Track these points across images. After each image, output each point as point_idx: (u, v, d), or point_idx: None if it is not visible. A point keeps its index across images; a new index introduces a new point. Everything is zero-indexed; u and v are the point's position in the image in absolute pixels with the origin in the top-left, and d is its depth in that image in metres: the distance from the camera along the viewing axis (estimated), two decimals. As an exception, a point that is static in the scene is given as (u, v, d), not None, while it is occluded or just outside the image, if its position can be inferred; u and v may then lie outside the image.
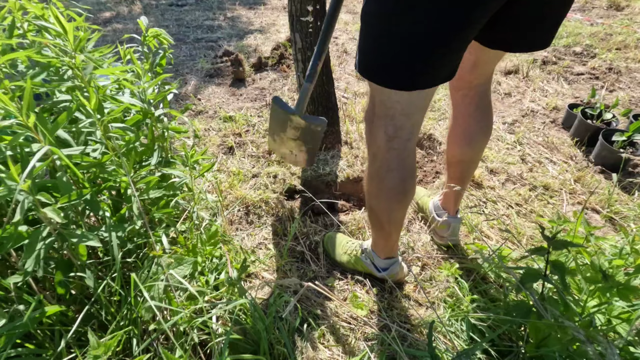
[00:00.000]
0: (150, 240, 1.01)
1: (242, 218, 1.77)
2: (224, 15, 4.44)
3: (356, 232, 1.68)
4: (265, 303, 1.36)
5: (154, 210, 1.12)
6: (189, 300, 1.11)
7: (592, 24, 4.04)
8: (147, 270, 1.01)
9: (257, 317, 1.05)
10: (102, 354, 0.68)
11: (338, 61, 3.34)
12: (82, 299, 1.06)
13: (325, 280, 1.49)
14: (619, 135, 2.01)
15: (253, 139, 2.29)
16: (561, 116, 2.52)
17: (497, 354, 1.04)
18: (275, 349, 1.11)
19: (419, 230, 1.69)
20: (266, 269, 1.53)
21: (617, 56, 3.28)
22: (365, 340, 1.27)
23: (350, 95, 2.80)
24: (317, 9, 1.73)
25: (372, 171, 1.16)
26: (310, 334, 1.27)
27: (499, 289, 1.38)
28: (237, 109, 2.65)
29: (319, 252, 1.59)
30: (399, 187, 1.12)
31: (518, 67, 3.10)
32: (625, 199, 1.84)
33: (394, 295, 1.41)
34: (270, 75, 3.09)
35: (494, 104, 2.69)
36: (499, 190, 1.90)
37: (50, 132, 0.76)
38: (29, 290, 0.97)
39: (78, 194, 0.82)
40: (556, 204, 1.83)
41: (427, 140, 2.33)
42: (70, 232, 0.82)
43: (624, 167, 1.99)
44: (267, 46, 3.60)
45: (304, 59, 1.86)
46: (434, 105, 2.64)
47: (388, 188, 1.13)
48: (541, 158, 2.15)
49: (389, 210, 1.18)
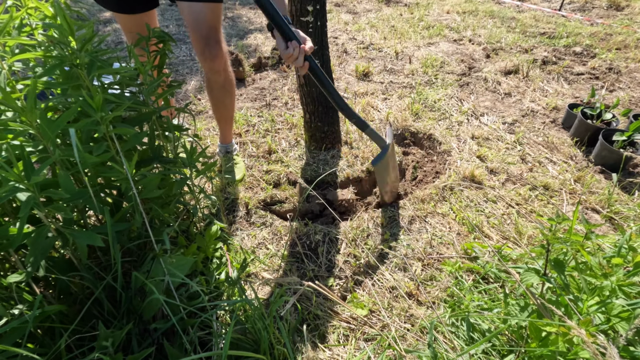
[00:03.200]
0: (150, 239, 1.01)
1: (242, 218, 1.78)
2: (224, 15, 4.45)
3: (356, 230, 1.68)
4: (265, 303, 1.37)
5: (155, 209, 1.13)
6: (189, 300, 1.11)
7: (592, 24, 4.05)
8: (147, 269, 1.02)
9: (257, 317, 1.06)
10: (109, 345, 0.69)
11: (338, 61, 3.34)
12: (82, 298, 1.07)
13: (325, 280, 1.49)
14: (619, 135, 2.01)
15: (253, 139, 2.30)
16: (561, 116, 2.52)
17: (497, 354, 1.04)
18: (275, 348, 1.11)
19: (419, 230, 1.69)
20: (266, 268, 1.53)
21: (617, 56, 3.28)
22: (365, 341, 1.27)
23: (350, 95, 2.80)
24: (317, 9, 1.74)
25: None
26: (310, 334, 1.27)
27: (499, 289, 1.38)
28: (237, 109, 2.66)
29: (319, 252, 1.59)
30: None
31: (518, 67, 3.10)
32: (625, 199, 1.84)
33: (394, 295, 1.41)
34: (270, 75, 3.09)
35: (494, 103, 2.69)
36: (499, 190, 1.90)
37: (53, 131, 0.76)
38: (29, 289, 0.97)
39: (80, 192, 0.83)
40: (556, 204, 1.83)
41: (427, 140, 2.33)
42: (72, 231, 0.83)
43: (624, 167, 1.99)
44: (267, 46, 3.60)
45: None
46: (434, 106, 2.64)
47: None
48: (541, 158, 2.15)
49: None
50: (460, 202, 1.82)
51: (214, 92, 1.80)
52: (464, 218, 1.73)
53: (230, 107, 1.89)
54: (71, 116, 0.81)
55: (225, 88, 1.78)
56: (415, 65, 3.22)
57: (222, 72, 1.70)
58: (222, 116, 1.94)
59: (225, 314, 1.25)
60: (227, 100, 1.84)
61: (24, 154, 0.74)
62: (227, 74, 1.74)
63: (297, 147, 2.24)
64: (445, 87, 2.88)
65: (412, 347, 1.22)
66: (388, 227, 1.71)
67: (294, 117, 2.49)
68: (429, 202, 1.82)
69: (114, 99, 0.96)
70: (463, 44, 3.68)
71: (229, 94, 1.82)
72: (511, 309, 1.06)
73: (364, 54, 3.48)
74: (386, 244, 1.62)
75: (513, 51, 3.47)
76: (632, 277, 0.91)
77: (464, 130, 2.37)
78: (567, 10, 4.60)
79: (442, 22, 4.23)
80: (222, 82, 1.74)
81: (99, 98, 0.78)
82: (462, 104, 2.68)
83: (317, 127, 2.08)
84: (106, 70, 0.90)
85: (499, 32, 3.89)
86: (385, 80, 3.02)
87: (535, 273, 0.92)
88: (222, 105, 1.87)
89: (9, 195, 0.71)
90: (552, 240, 0.86)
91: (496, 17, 4.38)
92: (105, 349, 0.72)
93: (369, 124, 1.59)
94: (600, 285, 0.92)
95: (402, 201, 1.84)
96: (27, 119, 0.72)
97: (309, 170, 2.04)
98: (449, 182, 1.92)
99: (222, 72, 1.70)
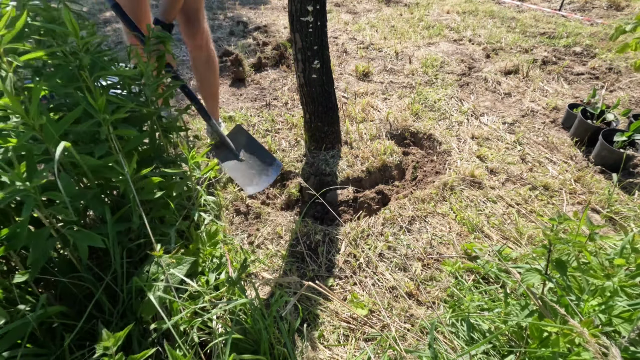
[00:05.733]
0: (150, 239, 1.01)
1: (242, 218, 1.77)
2: (224, 15, 4.44)
3: (356, 230, 1.68)
4: (266, 303, 1.36)
5: (155, 210, 1.12)
6: (189, 300, 1.11)
7: (592, 24, 4.05)
8: (146, 270, 1.01)
9: (258, 317, 1.05)
10: (111, 346, 0.69)
11: (338, 61, 3.34)
12: (81, 299, 1.06)
13: (326, 280, 1.49)
14: (620, 135, 2.01)
15: (253, 139, 2.29)
16: (561, 116, 2.52)
17: (497, 354, 1.04)
18: (276, 348, 1.11)
19: (419, 230, 1.69)
20: (266, 269, 1.53)
21: (617, 56, 3.28)
22: (365, 341, 1.27)
23: (350, 95, 2.80)
24: (317, 9, 1.73)
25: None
26: (310, 334, 1.27)
27: (500, 289, 1.38)
28: (237, 108, 2.65)
29: (319, 252, 1.59)
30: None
31: (518, 67, 3.10)
32: (625, 199, 1.84)
33: (394, 295, 1.41)
34: (270, 75, 3.09)
35: (494, 103, 2.69)
36: (499, 190, 1.90)
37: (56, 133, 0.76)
38: (30, 290, 0.97)
39: (81, 193, 0.82)
40: (556, 204, 1.83)
41: (427, 140, 2.33)
42: (73, 232, 0.82)
43: (624, 167, 1.99)
44: (267, 46, 3.60)
45: (304, 59, 1.86)
46: (434, 106, 2.64)
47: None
48: (541, 158, 2.15)
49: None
50: (460, 202, 1.82)
51: (199, 70, 2.01)
52: (464, 218, 1.73)
53: (215, 83, 2.11)
54: (74, 118, 0.80)
55: (209, 64, 2.01)
56: (415, 65, 3.22)
57: (204, 48, 1.93)
58: (208, 93, 2.14)
59: (225, 314, 1.25)
60: (212, 77, 2.05)
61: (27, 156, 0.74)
62: (210, 50, 1.98)
63: (297, 147, 2.23)
64: (445, 87, 2.88)
65: (412, 347, 1.22)
66: (388, 227, 1.70)
67: (294, 117, 2.49)
68: (429, 202, 1.82)
69: (116, 100, 0.96)
70: (463, 44, 3.68)
71: (212, 71, 2.04)
72: (511, 309, 1.06)
73: (364, 54, 3.48)
74: (386, 244, 1.61)
75: (513, 51, 3.47)
76: (634, 277, 0.91)
77: (464, 130, 2.37)
78: (567, 10, 4.60)
79: (442, 22, 4.23)
80: (205, 58, 1.97)
81: (102, 100, 0.78)
82: (462, 104, 2.68)
83: (317, 127, 2.08)
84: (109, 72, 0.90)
85: (499, 32, 3.89)
86: (385, 80, 3.02)
87: (537, 273, 0.92)
88: (207, 82, 2.07)
89: (12, 197, 0.70)
90: (555, 240, 0.86)
91: (496, 17, 4.38)
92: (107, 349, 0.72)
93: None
94: (602, 286, 0.92)
95: (402, 201, 1.84)
96: (31, 121, 0.72)
97: (309, 170, 2.03)
98: (449, 182, 1.92)
99: (205, 48, 1.93)
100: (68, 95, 0.93)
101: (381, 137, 2.32)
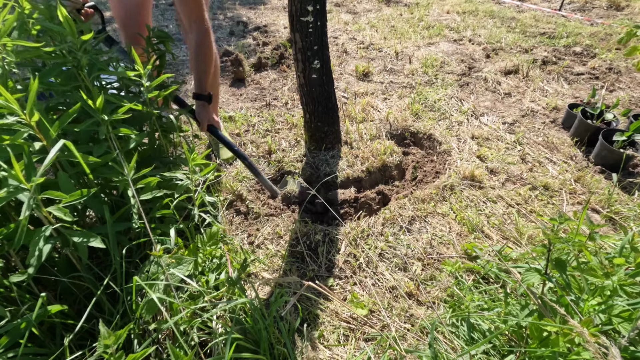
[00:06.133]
0: (150, 239, 1.01)
1: (242, 218, 1.77)
2: (224, 15, 4.44)
3: (356, 230, 1.68)
4: (266, 303, 1.36)
5: (155, 210, 1.12)
6: (189, 300, 1.11)
7: (592, 24, 4.05)
8: (146, 270, 1.01)
9: (258, 317, 1.05)
10: (112, 344, 0.69)
11: (338, 61, 3.34)
12: (81, 298, 1.06)
13: (325, 280, 1.49)
14: (620, 135, 2.01)
15: (253, 139, 2.29)
16: (561, 116, 2.52)
17: (497, 354, 1.04)
18: (276, 348, 1.11)
19: (419, 230, 1.69)
20: (266, 269, 1.53)
21: (617, 56, 3.28)
22: (366, 341, 1.27)
23: (350, 95, 2.80)
24: (317, 9, 1.73)
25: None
26: (310, 334, 1.27)
27: (500, 289, 1.38)
28: (237, 108, 2.65)
29: (319, 252, 1.59)
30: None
31: (518, 67, 3.10)
32: (625, 199, 1.84)
33: (394, 295, 1.41)
34: (270, 75, 3.09)
35: (494, 103, 2.69)
36: (499, 190, 1.90)
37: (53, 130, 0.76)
38: (29, 289, 0.97)
39: (80, 193, 0.82)
40: (556, 204, 1.83)
41: (427, 140, 2.33)
42: (72, 232, 0.82)
43: (624, 167, 1.99)
44: (267, 46, 3.60)
45: (304, 59, 1.86)
46: (434, 106, 2.64)
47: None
48: (541, 158, 2.15)
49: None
50: (461, 202, 1.82)
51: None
52: (464, 218, 1.73)
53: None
54: (72, 116, 0.80)
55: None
56: (415, 65, 3.22)
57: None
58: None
59: (225, 314, 1.25)
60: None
61: (25, 154, 0.74)
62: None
63: (297, 147, 2.23)
64: (445, 87, 2.88)
65: (412, 347, 1.22)
66: (388, 227, 1.70)
67: (294, 117, 2.49)
68: (429, 202, 1.82)
69: (114, 100, 0.96)
70: (463, 44, 3.68)
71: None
72: (511, 309, 1.06)
73: (364, 54, 3.48)
74: (386, 244, 1.61)
75: (513, 51, 3.47)
76: (634, 277, 0.91)
77: (464, 130, 2.37)
78: (567, 10, 4.60)
79: (442, 22, 4.23)
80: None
81: (101, 100, 0.78)
82: (462, 104, 2.68)
83: (317, 127, 2.08)
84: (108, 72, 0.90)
85: (499, 32, 3.89)
86: (385, 80, 3.02)
87: (537, 272, 0.92)
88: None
89: (10, 197, 0.70)
90: (555, 240, 0.86)
91: (496, 17, 4.38)
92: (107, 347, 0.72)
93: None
94: (601, 285, 0.92)
95: (402, 201, 1.84)
96: (27, 119, 0.72)
97: (309, 170, 2.03)
98: (449, 182, 1.92)
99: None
100: (67, 94, 0.93)
101: (381, 137, 2.32)
